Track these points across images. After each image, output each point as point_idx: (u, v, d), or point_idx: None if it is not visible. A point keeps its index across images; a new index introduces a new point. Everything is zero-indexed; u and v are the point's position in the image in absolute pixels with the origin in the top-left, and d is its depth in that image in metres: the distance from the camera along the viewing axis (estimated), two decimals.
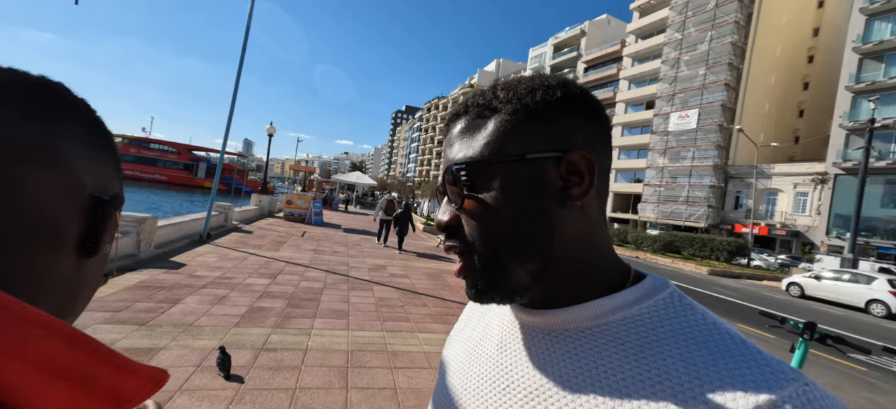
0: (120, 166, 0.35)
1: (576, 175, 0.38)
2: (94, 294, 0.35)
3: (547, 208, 0.38)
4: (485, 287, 0.40)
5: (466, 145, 0.40)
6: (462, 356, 0.49)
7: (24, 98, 0.27)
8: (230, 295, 4.84)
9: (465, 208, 0.39)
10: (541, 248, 0.38)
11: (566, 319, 0.40)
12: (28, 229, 0.26)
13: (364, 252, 9.85)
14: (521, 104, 0.39)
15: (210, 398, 2.61)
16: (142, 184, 42.84)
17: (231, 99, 9.22)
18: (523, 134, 0.38)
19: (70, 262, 0.29)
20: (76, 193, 0.29)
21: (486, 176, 0.39)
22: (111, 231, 0.33)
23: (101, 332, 3.34)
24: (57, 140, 0.27)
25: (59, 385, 0.23)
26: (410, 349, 3.94)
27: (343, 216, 20.79)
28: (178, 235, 7.74)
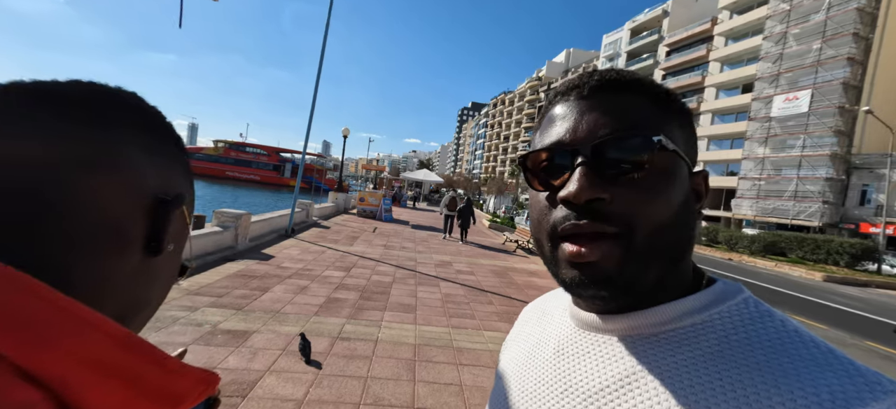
0: (189, 169, 0.36)
1: (698, 191, 0.39)
2: (168, 290, 0.36)
3: (693, 215, 0.39)
4: (622, 282, 0.35)
5: (642, 120, 0.36)
6: (518, 361, 0.48)
7: (88, 108, 0.28)
8: (310, 286, 5.27)
9: (636, 185, 0.35)
10: (683, 251, 0.38)
11: (629, 325, 0.38)
12: (92, 231, 0.27)
13: (431, 248, 10.09)
14: (669, 97, 0.39)
15: (293, 381, 2.87)
16: (239, 183, 48.45)
17: (310, 105, 10.01)
18: (680, 132, 0.39)
19: (136, 260, 0.30)
20: (139, 195, 0.29)
21: (665, 158, 0.36)
22: (178, 230, 0.34)
23: (207, 314, 3.84)
24: (119, 146, 0.28)
25: (111, 384, 0.24)
26: (476, 346, 3.95)
27: (411, 213, 21.51)
28: (267, 229, 8.62)
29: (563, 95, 0.40)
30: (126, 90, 0.32)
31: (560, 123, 0.38)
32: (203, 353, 3.08)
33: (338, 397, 2.74)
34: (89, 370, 0.23)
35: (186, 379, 0.27)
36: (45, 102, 0.27)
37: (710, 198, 36.24)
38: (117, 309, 0.29)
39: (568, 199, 0.35)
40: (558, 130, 0.38)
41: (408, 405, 2.76)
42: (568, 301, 0.46)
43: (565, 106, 0.39)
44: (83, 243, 0.26)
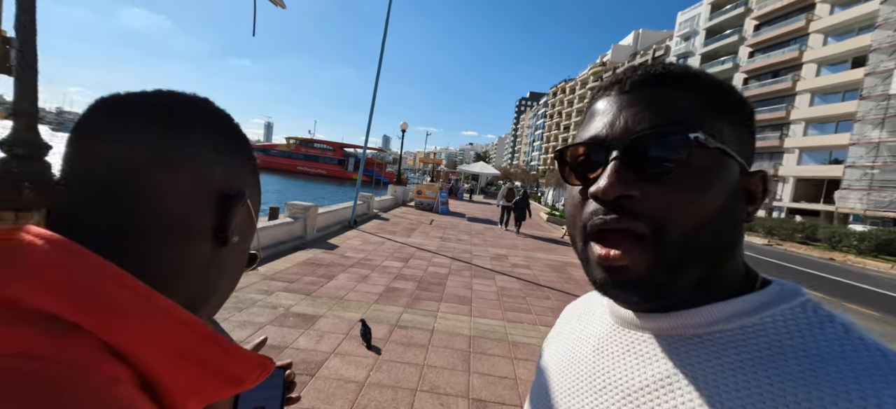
0: (254, 166, 0.39)
1: (752, 192, 0.37)
2: (237, 279, 0.40)
3: (738, 216, 0.36)
4: (652, 285, 0.34)
5: (684, 115, 0.34)
6: (558, 357, 0.48)
7: (166, 114, 0.32)
8: (371, 275, 5.54)
9: (671, 183, 0.33)
10: (725, 254, 0.36)
11: (671, 324, 0.36)
12: (167, 223, 0.30)
13: (486, 241, 10.07)
14: (723, 93, 0.37)
15: (355, 364, 3.05)
16: (308, 177, 51.97)
17: (371, 101, 10.42)
18: (731, 130, 0.36)
19: (206, 251, 0.33)
20: (208, 191, 0.32)
21: (707, 156, 0.33)
22: (243, 223, 0.36)
23: (280, 298, 4.20)
24: (191, 147, 0.32)
25: (184, 365, 0.28)
26: (531, 341, 3.89)
27: (467, 205, 21.60)
28: (332, 220, 9.18)
29: (606, 91, 0.39)
30: (199, 97, 0.35)
31: (599, 118, 0.38)
32: (277, 333, 3.39)
33: (396, 381, 2.87)
34: (165, 352, 0.27)
35: (245, 363, 0.31)
36: (133, 110, 0.31)
37: (806, 189, 31.86)
38: (190, 295, 0.33)
39: (597, 194, 0.35)
40: (596, 125, 0.38)
41: (463, 395, 2.81)
42: (608, 299, 0.44)
43: (606, 101, 0.38)
44: (160, 234, 0.30)
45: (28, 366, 0.22)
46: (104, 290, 0.25)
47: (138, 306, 0.26)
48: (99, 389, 0.23)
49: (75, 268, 0.25)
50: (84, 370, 0.23)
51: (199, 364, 0.28)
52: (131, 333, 0.26)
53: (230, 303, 3.87)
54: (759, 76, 35.97)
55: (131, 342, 0.26)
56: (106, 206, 0.29)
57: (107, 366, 0.24)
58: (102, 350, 0.25)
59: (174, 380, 0.27)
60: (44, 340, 0.23)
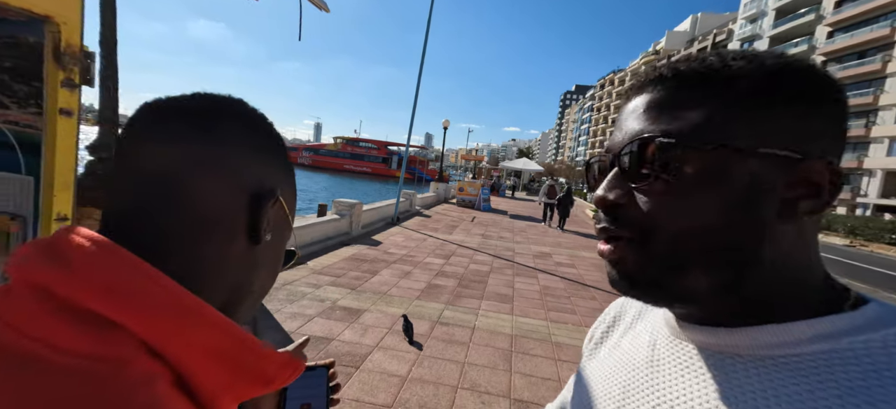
0: (287, 165, 0.39)
1: (809, 186, 0.31)
2: (273, 277, 0.40)
3: (764, 214, 0.31)
4: (645, 283, 0.34)
5: (671, 116, 0.33)
6: (605, 364, 0.45)
7: (202, 116, 0.33)
8: (413, 271, 5.63)
9: (652, 190, 0.33)
10: (742, 259, 0.31)
11: (742, 341, 0.32)
12: (201, 224, 0.31)
13: (529, 239, 9.88)
14: (762, 76, 0.31)
15: (398, 358, 3.11)
16: (354, 176, 53.83)
17: (413, 99, 10.57)
18: (756, 118, 0.31)
19: (241, 249, 0.34)
20: (241, 190, 0.33)
21: (695, 158, 0.31)
22: (277, 221, 0.37)
23: (328, 291, 4.39)
24: (225, 147, 0.32)
25: (217, 365, 0.28)
26: (576, 342, 3.77)
27: (509, 203, 21.32)
28: (376, 217, 9.43)
29: (626, 96, 0.39)
30: (234, 98, 0.36)
31: (616, 126, 0.38)
32: (325, 325, 3.54)
33: (437, 378, 2.89)
34: (200, 351, 0.28)
35: (275, 363, 0.31)
36: (172, 113, 0.33)
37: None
38: (226, 292, 0.34)
39: (594, 202, 0.37)
40: (614, 133, 0.38)
41: (504, 395, 2.78)
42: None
43: (624, 107, 0.39)
44: (196, 232, 0.31)
45: (75, 364, 0.23)
46: (142, 289, 0.27)
47: (173, 305, 0.27)
48: (138, 385, 0.24)
49: (116, 268, 0.27)
50: (125, 368, 0.24)
51: (231, 364, 0.29)
52: (167, 332, 0.27)
53: (282, 295, 4.10)
54: (841, 58, 32.21)
55: (168, 340, 0.27)
56: (147, 206, 0.31)
57: (146, 363, 0.25)
58: (141, 348, 0.26)
59: (208, 379, 0.28)
60: (89, 338, 0.25)
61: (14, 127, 1.11)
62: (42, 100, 1.07)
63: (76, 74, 1.10)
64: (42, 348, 0.24)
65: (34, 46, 1.08)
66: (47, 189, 1.08)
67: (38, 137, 1.08)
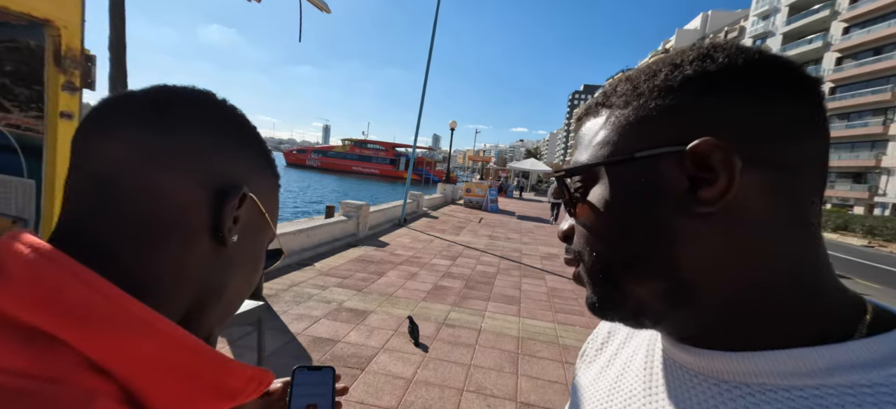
0: (262, 160, 0.37)
1: (706, 171, 0.28)
2: (251, 279, 0.37)
3: (662, 216, 0.30)
4: (599, 302, 0.35)
5: (579, 148, 0.36)
6: (601, 384, 0.42)
7: (159, 109, 0.30)
8: (419, 273, 5.61)
9: (576, 216, 0.36)
10: (659, 265, 0.31)
11: (744, 368, 0.29)
12: (157, 224, 0.29)
13: (537, 240, 9.82)
14: (636, 93, 0.32)
15: (403, 360, 3.10)
16: (362, 177, 54.11)
17: (420, 101, 10.58)
18: (636, 128, 0.32)
19: (205, 250, 0.31)
20: (200, 187, 0.31)
21: (594, 181, 0.34)
22: (249, 220, 0.34)
23: (334, 293, 4.39)
24: (183, 143, 0.30)
25: (172, 379, 0.26)
26: None
27: (517, 204, 21.23)
28: (383, 219, 9.45)
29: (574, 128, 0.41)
30: (199, 90, 0.34)
31: None
32: (331, 326, 3.54)
33: (443, 380, 2.87)
34: (148, 365, 0.25)
35: (239, 377, 0.29)
36: (127, 107, 0.31)
37: None
38: (189, 298, 0.32)
39: (557, 234, 0.40)
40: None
41: (510, 397, 2.75)
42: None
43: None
44: (148, 234, 0.29)
45: (8, 383, 0.22)
46: (82, 300, 0.25)
47: (117, 316, 0.25)
48: (78, 405, 0.22)
49: (55, 278, 0.25)
50: (64, 386, 0.22)
51: (187, 378, 0.27)
52: (110, 345, 0.25)
53: (289, 297, 4.11)
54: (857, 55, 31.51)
55: (111, 354, 0.25)
56: (94, 208, 0.29)
57: (87, 381, 0.23)
58: (83, 364, 0.24)
59: (161, 394, 0.26)
60: (25, 355, 0.23)
61: (16, 130, 1.12)
62: (43, 103, 1.07)
63: (77, 77, 1.10)
64: None
65: (35, 50, 1.09)
66: (49, 192, 1.09)
67: (39, 140, 1.09)
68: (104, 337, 0.25)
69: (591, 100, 0.37)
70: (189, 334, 0.28)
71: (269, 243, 0.39)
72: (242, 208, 0.33)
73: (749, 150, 0.27)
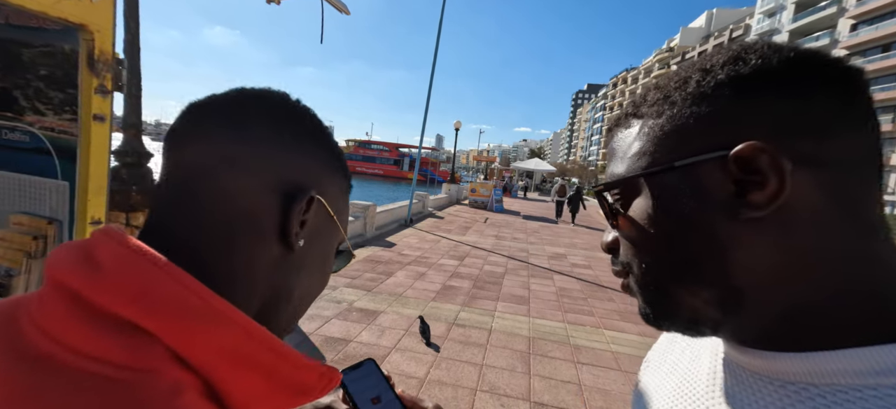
0: (334, 163, 0.36)
1: (755, 174, 0.27)
2: (321, 281, 0.37)
3: (709, 224, 0.30)
4: (652, 314, 0.35)
5: (614, 160, 0.36)
6: (665, 390, 0.42)
7: (230, 112, 0.31)
8: (427, 273, 5.62)
9: (620, 228, 0.36)
10: (710, 273, 0.30)
11: (812, 368, 0.28)
12: (232, 225, 0.30)
13: (543, 239, 9.80)
14: (668, 101, 0.32)
15: (415, 360, 3.11)
16: (366, 177, 54.21)
17: (425, 102, 10.60)
18: (672, 137, 0.31)
19: (275, 253, 0.32)
20: (272, 189, 0.31)
21: (634, 192, 0.33)
22: (318, 222, 0.34)
23: (344, 293, 4.41)
24: (255, 144, 0.31)
25: (252, 375, 0.27)
26: (595, 345, 3.71)
27: (522, 203, 21.19)
28: (390, 219, 9.47)
29: (606, 137, 0.41)
30: (274, 91, 0.34)
31: None
32: (342, 327, 3.56)
33: (455, 380, 2.88)
34: (232, 361, 0.26)
35: (313, 373, 0.30)
36: (208, 111, 0.32)
37: None
38: (260, 299, 0.32)
39: (601, 246, 0.40)
40: None
41: (523, 397, 2.75)
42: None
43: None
44: (225, 234, 0.30)
45: (109, 373, 0.23)
46: (170, 294, 0.25)
47: (202, 310, 0.26)
48: (166, 396, 0.23)
49: (145, 272, 0.26)
50: (152, 377, 0.23)
51: (265, 374, 0.27)
52: (196, 339, 0.25)
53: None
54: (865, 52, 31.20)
55: (196, 348, 0.25)
56: (178, 207, 0.30)
57: (174, 373, 0.24)
58: (169, 357, 0.24)
59: (239, 389, 0.27)
60: (117, 345, 0.24)
61: (50, 133, 1.14)
62: (77, 106, 1.09)
63: (109, 80, 1.12)
64: (69, 354, 0.23)
65: (69, 54, 1.11)
66: (82, 193, 1.11)
67: (73, 142, 1.11)
68: (190, 331, 0.25)
69: (621, 110, 0.37)
70: (268, 332, 0.28)
71: (338, 245, 0.40)
72: (310, 212, 0.33)
73: (795, 149, 0.27)
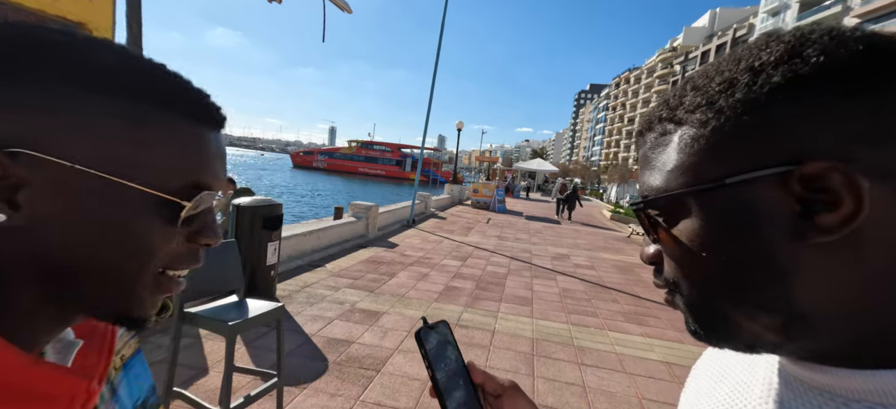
0: (79, 92, 0.27)
1: (824, 193, 0.24)
2: (119, 254, 0.29)
3: (769, 248, 0.26)
4: (705, 334, 0.32)
5: (652, 171, 0.32)
6: (716, 399, 0.39)
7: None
8: (430, 274, 5.60)
9: (663, 244, 0.33)
10: (771, 300, 0.27)
11: (880, 387, 0.26)
12: None
13: (546, 240, 9.77)
14: (713, 108, 0.28)
15: (418, 362, 3.08)
16: (368, 178, 54.29)
17: (427, 103, 10.59)
18: (721, 149, 0.28)
19: (15, 223, 0.26)
20: None
21: (680, 209, 0.30)
22: (43, 180, 0.26)
23: (347, 294, 4.40)
24: None
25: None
26: (599, 346, 3.68)
27: (524, 204, 21.16)
28: (392, 220, 9.46)
29: (636, 140, 0.37)
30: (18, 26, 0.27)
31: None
32: (345, 328, 3.54)
33: None
34: None
35: (57, 382, 0.28)
36: None
37: None
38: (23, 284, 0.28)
39: (641, 257, 0.37)
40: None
41: None
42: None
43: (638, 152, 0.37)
44: None
45: None
46: None
47: None
48: None
49: None
50: None
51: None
52: None
53: (302, 298, 4.12)
54: None
55: None
56: None
57: None
58: None
59: None
60: None
61: None
62: None
63: None
64: None
65: None
66: None
67: None
68: None
69: (653, 113, 0.34)
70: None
71: (156, 204, 0.29)
72: (24, 170, 0.25)
73: (871, 162, 0.23)
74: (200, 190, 0.31)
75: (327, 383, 2.68)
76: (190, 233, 0.32)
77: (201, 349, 2.93)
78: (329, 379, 2.72)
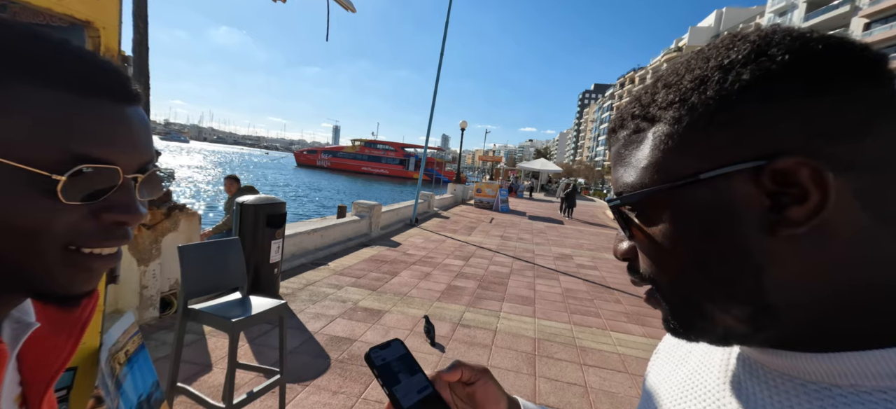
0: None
1: (795, 187, 0.25)
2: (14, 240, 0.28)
3: (741, 241, 0.27)
4: (682, 329, 0.32)
5: (626, 168, 0.33)
6: (674, 385, 0.41)
7: None
8: (433, 273, 5.61)
9: (637, 241, 0.33)
10: (743, 292, 0.28)
11: (834, 369, 0.27)
12: None
13: (549, 240, 9.75)
14: (685, 105, 0.29)
15: (421, 361, 3.08)
16: (371, 178, 54.34)
17: (431, 103, 10.59)
18: (693, 145, 0.29)
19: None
20: None
21: (653, 205, 0.31)
22: None
23: (349, 292, 4.41)
24: None
25: None
26: (602, 347, 3.67)
27: (528, 204, 21.12)
28: (395, 219, 9.47)
29: (607, 140, 0.38)
30: None
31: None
32: (347, 326, 3.55)
33: None
34: None
35: None
36: None
37: None
38: None
39: (613, 252, 0.38)
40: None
41: (529, 399, 2.71)
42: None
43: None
44: None
45: None
46: None
47: None
48: None
49: None
50: None
51: None
52: None
53: (305, 296, 4.14)
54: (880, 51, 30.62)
55: None
56: None
57: None
58: None
59: None
60: None
61: None
62: None
63: None
64: None
65: None
66: None
67: None
68: None
69: (625, 110, 0.34)
70: None
71: (39, 182, 0.27)
72: None
73: (834, 156, 0.25)
74: (81, 163, 0.28)
75: (330, 380, 2.69)
76: (95, 209, 0.30)
77: (205, 345, 2.95)
78: (331, 377, 2.74)
